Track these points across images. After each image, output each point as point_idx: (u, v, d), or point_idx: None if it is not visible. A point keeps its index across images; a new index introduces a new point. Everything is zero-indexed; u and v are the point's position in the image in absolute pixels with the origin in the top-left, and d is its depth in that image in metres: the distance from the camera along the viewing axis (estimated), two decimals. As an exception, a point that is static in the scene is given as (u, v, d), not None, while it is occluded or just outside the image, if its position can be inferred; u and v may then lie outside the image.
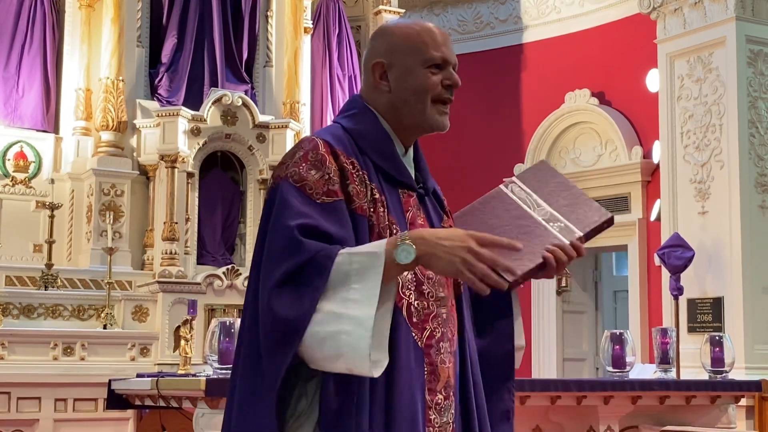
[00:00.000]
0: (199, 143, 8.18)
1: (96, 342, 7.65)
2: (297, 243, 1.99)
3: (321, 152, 2.10)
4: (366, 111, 2.23)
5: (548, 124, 10.55)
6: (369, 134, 2.19)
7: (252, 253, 8.07)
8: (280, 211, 2.06)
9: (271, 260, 2.02)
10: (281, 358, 1.96)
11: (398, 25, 2.26)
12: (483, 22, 11.27)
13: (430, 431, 2.11)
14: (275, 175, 2.16)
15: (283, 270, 1.97)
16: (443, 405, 2.15)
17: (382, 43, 2.24)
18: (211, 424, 3.92)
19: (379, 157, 2.17)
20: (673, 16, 9.19)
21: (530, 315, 10.50)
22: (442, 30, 2.25)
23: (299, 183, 2.08)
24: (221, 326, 4.06)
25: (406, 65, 2.19)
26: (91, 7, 8.34)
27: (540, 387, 4.79)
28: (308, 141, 2.15)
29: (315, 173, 2.08)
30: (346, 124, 2.21)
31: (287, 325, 1.94)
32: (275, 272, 1.98)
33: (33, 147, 8.16)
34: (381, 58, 2.22)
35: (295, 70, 8.95)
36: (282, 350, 1.96)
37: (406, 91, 2.19)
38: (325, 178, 2.08)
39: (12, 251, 7.95)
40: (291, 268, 1.97)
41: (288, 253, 1.99)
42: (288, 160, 2.14)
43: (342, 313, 1.92)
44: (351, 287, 1.94)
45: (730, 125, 8.61)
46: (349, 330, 1.91)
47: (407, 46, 2.20)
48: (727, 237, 8.51)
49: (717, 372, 5.23)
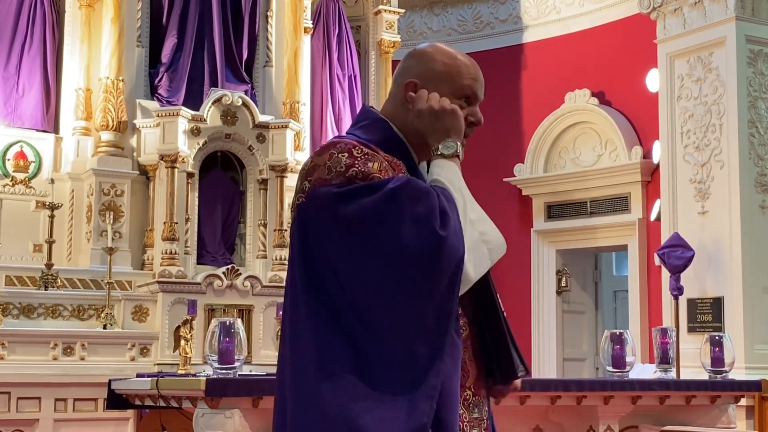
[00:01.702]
0: (199, 143, 8.18)
1: (96, 342, 7.65)
2: (425, 191, 2.06)
3: (365, 150, 2.10)
4: (379, 121, 2.23)
5: (548, 124, 10.55)
6: (384, 143, 2.18)
7: (251, 252, 8.00)
8: (370, 218, 2.01)
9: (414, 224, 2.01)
10: (456, 293, 2.02)
11: (439, 50, 2.26)
12: (483, 22, 11.27)
13: (459, 426, 2.11)
14: (315, 178, 2.08)
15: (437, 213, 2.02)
16: (472, 401, 2.16)
17: (420, 64, 2.24)
18: (211, 424, 3.92)
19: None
20: (673, 16, 9.19)
21: (530, 315, 10.51)
22: (477, 66, 2.28)
23: (366, 177, 2.04)
24: (221, 326, 4.06)
25: (438, 90, 2.20)
26: (91, 7, 8.33)
27: (540, 387, 4.79)
28: (340, 142, 2.13)
29: (373, 164, 2.07)
30: (361, 134, 2.19)
31: (453, 247, 2.00)
32: (432, 219, 2.00)
33: (33, 147, 8.16)
34: (416, 79, 2.22)
35: (295, 70, 8.95)
36: (458, 282, 2.01)
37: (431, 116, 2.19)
38: (384, 165, 2.09)
39: (12, 251, 7.95)
40: (437, 210, 2.04)
41: (425, 199, 2.04)
42: (331, 164, 2.07)
43: (469, 221, 2.08)
44: (456, 199, 2.11)
45: (730, 125, 8.61)
46: (483, 230, 2.09)
47: (444, 73, 2.21)
48: (727, 237, 8.51)
49: (717, 372, 5.23)
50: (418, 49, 2.30)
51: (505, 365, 2.19)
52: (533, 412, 4.91)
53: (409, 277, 1.96)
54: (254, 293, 8.08)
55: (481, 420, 2.18)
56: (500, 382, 2.22)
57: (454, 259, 1.98)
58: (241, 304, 8.09)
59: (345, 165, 2.05)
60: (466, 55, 2.28)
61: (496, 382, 2.22)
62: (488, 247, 2.07)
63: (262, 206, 8.39)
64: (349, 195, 2.02)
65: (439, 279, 1.96)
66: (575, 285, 10.60)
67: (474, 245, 2.03)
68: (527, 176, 10.56)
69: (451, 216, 2.01)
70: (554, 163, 10.60)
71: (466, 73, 2.22)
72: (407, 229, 1.97)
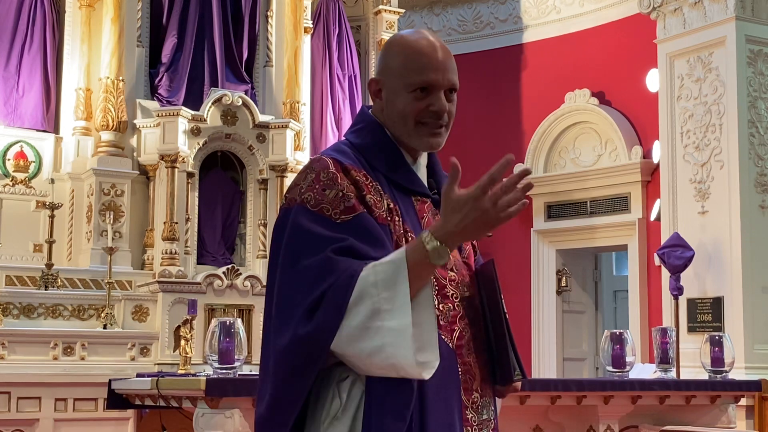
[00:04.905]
0: (199, 143, 8.18)
1: (96, 342, 7.65)
2: (330, 265, 1.99)
3: (331, 171, 2.10)
4: (372, 124, 2.23)
5: (548, 124, 10.55)
6: (375, 147, 2.19)
7: (251, 252, 8.01)
8: (300, 241, 2.05)
9: (298, 292, 2.01)
10: (305, 380, 2.00)
11: (396, 43, 2.23)
12: (483, 22, 11.27)
13: (468, 430, 2.12)
14: (289, 197, 2.13)
15: (309, 300, 1.98)
16: (480, 402, 2.16)
17: (380, 59, 2.25)
18: (211, 423, 3.92)
19: (389, 169, 2.18)
20: (673, 16, 9.19)
21: (530, 315, 10.51)
22: (441, 45, 2.19)
23: (317, 207, 2.07)
24: (221, 326, 4.06)
25: (393, 87, 2.19)
26: (91, 7, 8.33)
27: (540, 387, 4.80)
28: (317, 161, 2.15)
29: (329, 192, 2.07)
30: (353, 139, 2.22)
31: (310, 341, 1.97)
32: (302, 305, 1.99)
33: (33, 147, 8.16)
34: (377, 76, 2.23)
35: (295, 70, 8.95)
36: (307, 370, 1.99)
37: (392, 112, 2.19)
38: (339, 196, 2.07)
39: (12, 251, 7.95)
40: (316, 296, 1.98)
41: (320, 279, 1.99)
42: (301, 182, 2.12)
43: (380, 326, 1.94)
44: (381, 297, 1.95)
45: (730, 125, 8.61)
46: (391, 342, 1.93)
47: (397, 67, 2.18)
48: (727, 237, 8.51)
49: (717, 372, 5.23)
50: (385, 43, 2.30)
51: (504, 369, 2.20)
52: (533, 412, 4.91)
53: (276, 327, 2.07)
54: (254, 293, 8.08)
55: (489, 421, 2.19)
56: (500, 383, 2.23)
57: (311, 353, 1.99)
58: (241, 304, 8.09)
59: (306, 186, 2.10)
60: (428, 39, 2.19)
61: (496, 382, 2.23)
62: (390, 361, 1.94)
63: (262, 206, 8.39)
64: (284, 221, 2.11)
65: (289, 364, 2.02)
66: (575, 285, 10.60)
67: (374, 350, 1.95)
68: (527, 176, 10.54)
69: (322, 312, 1.98)
70: (554, 163, 10.60)
71: (418, 65, 2.15)
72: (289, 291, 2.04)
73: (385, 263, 1.97)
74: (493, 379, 2.22)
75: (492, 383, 2.22)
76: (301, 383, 2.01)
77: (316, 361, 1.98)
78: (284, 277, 2.05)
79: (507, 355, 2.19)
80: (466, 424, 2.12)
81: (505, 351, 2.19)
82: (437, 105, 2.14)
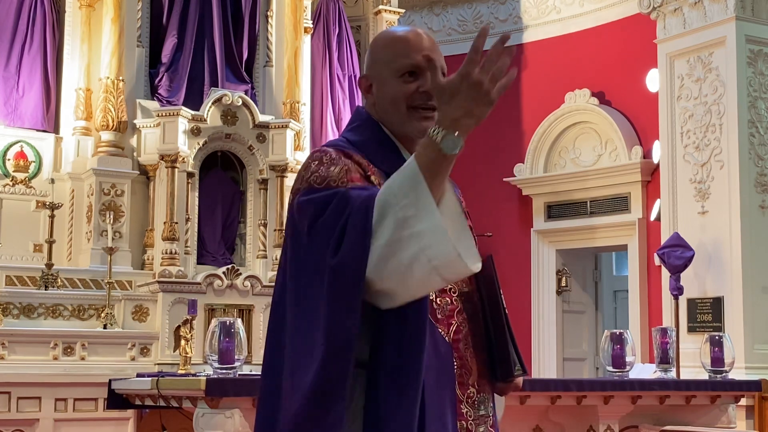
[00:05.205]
0: (199, 143, 8.18)
1: (96, 342, 7.65)
2: (345, 199, 1.99)
3: (335, 154, 2.13)
4: (368, 122, 2.26)
5: (548, 124, 10.56)
6: (373, 143, 2.22)
7: (251, 252, 8.03)
8: (312, 209, 2.05)
9: (321, 245, 2.00)
10: (351, 314, 1.94)
11: (380, 37, 2.29)
12: (483, 22, 11.26)
13: (462, 424, 2.12)
14: (295, 188, 2.16)
15: (334, 237, 1.97)
16: (476, 398, 2.16)
17: (368, 57, 2.29)
18: (211, 423, 3.92)
19: (388, 166, 2.17)
20: (673, 15, 9.19)
21: (530, 315, 10.51)
22: (427, 34, 2.23)
23: (323, 183, 2.08)
24: (221, 326, 4.06)
25: (381, 77, 2.22)
26: (91, 7, 8.33)
27: (540, 387, 4.80)
28: (318, 150, 2.18)
29: (334, 168, 2.09)
30: (350, 137, 2.24)
31: (345, 270, 1.94)
32: (329, 245, 1.97)
33: (33, 147, 8.16)
34: (365, 72, 2.27)
35: (295, 70, 8.95)
36: (349, 300, 1.94)
37: (385, 102, 2.22)
38: (345, 169, 2.09)
39: (12, 251, 7.95)
40: (338, 232, 1.97)
41: (338, 216, 1.99)
42: (303, 172, 2.14)
43: (411, 233, 1.89)
44: (402, 204, 1.91)
45: (730, 125, 8.61)
46: (427, 243, 1.89)
47: (382, 57, 2.23)
48: (727, 237, 8.51)
49: (717, 372, 5.23)
50: (371, 41, 2.35)
51: (504, 364, 2.20)
52: (533, 412, 4.92)
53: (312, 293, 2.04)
54: (254, 293, 8.08)
55: (487, 417, 2.18)
56: (501, 380, 2.23)
57: (345, 283, 1.96)
58: (241, 304, 8.09)
59: (311, 171, 2.11)
60: (412, 28, 2.25)
61: (497, 379, 2.23)
62: (432, 264, 1.89)
63: (262, 206, 8.39)
64: (292, 213, 2.12)
65: (331, 299, 1.97)
66: (575, 285, 10.61)
67: (412, 258, 1.90)
68: (527, 176, 10.56)
69: (347, 239, 1.96)
70: (554, 163, 10.60)
71: (401, 50, 2.19)
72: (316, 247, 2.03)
73: (397, 173, 1.96)
74: (493, 377, 2.22)
75: (492, 381, 2.22)
76: (351, 318, 1.93)
77: (356, 293, 1.92)
78: (303, 244, 2.05)
79: (507, 350, 2.19)
80: (461, 418, 2.12)
81: (505, 346, 2.19)
82: (426, 86, 2.14)
